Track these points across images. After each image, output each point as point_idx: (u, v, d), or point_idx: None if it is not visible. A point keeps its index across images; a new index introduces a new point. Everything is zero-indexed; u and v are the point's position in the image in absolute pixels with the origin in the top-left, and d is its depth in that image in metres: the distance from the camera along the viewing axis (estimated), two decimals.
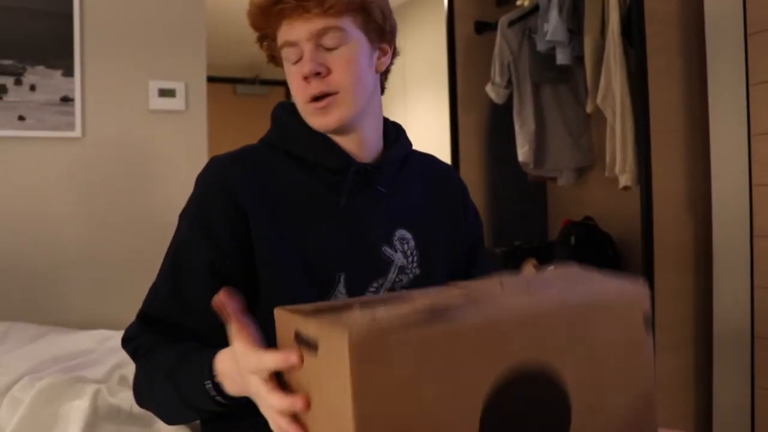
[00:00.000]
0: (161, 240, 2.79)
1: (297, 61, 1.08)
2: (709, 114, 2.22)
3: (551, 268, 1.05)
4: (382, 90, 1.20)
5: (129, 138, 2.74)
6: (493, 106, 3.21)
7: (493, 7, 3.35)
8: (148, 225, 2.75)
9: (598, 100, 2.59)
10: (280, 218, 1.08)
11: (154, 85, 2.77)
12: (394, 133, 1.22)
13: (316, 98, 1.07)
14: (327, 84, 1.06)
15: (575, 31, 2.73)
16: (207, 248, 1.08)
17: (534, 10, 2.93)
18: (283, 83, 4.68)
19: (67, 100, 2.61)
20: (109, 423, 1.41)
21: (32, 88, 2.55)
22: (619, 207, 2.94)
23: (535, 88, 3.07)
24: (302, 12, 1.03)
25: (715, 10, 2.19)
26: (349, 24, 1.06)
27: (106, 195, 2.70)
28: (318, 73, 1.05)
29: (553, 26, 2.69)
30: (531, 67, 3.03)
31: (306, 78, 1.07)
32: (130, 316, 2.80)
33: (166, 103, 2.80)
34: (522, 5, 3.09)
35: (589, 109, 2.78)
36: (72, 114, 2.62)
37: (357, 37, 1.07)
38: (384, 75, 1.19)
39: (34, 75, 2.55)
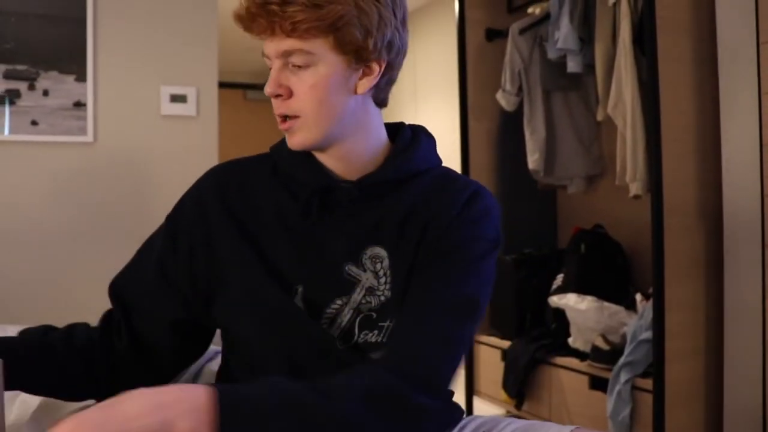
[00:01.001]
0: None
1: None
2: (720, 122, 2.21)
3: None
4: (382, 104, 1.11)
5: (140, 143, 2.75)
6: (504, 113, 3.21)
7: (504, 14, 3.35)
8: (157, 227, 2.76)
9: (609, 108, 2.58)
10: (248, 227, 1.10)
11: (166, 91, 2.79)
12: (398, 149, 1.11)
13: (283, 117, 1.05)
14: (288, 107, 1.03)
15: (586, 39, 2.74)
16: (164, 243, 1.18)
17: (545, 17, 2.93)
18: None
19: (79, 105, 2.63)
20: None
21: (45, 93, 2.57)
22: (630, 215, 2.93)
23: (545, 95, 3.07)
24: (270, 33, 1.00)
25: (727, 19, 2.19)
26: (319, 46, 0.99)
27: (118, 199, 2.71)
28: (279, 95, 1.03)
29: (564, 34, 2.69)
30: (542, 75, 3.03)
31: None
32: None
33: (178, 108, 2.81)
34: (533, 13, 3.09)
35: (599, 117, 2.78)
36: (84, 119, 2.64)
37: (329, 60, 1.00)
38: (379, 91, 1.09)
39: (47, 80, 2.58)
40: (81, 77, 2.63)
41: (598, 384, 2.51)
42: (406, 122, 1.19)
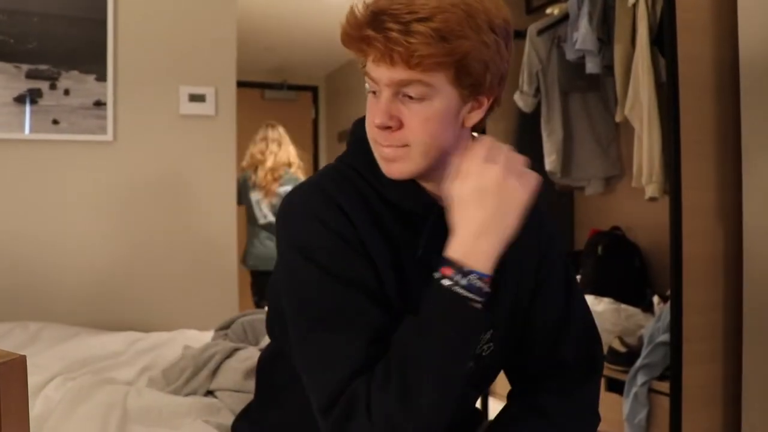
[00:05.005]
0: (189, 240, 2.83)
1: (375, 93, 0.99)
2: (741, 124, 2.20)
3: None
4: (477, 129, 1.08)
5: (159, 142, 2.78)
6: (521, 114, 3.21)
7: (522, 14, 3.34)
8: (176, 226, 2.78)
9: (626, 110, 2.57)
10: (377, 249, 1.01)
11: (185, 90, 2.81)
12: None
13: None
14: (396, 138, 0.98)
15: (605, 40, 2.72)
16: (364, 266, 0.99)
17: (564, 18, 2.92)
18: (311, 88, 4.74)
19: (99, 104, 2.65)
20: (138, 424, 1.43)
21: (66, 92, 2.60)
22: (648, 217, 2.92)
23: (563, 96, 3.05)
24: (388, 61, 0.93)
25: (749, 19, 2.17)
26: (438, 79, 0.94)
27: (137, 197, 2.73)
28: (388, 127, 0.97)
29: (582, 35, 2.67)
30: (560, 76, 3.02)
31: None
32: (158, 316, 2.84)
33: (196, 107, 2.83)
34: (552, 13, 3.08)
35: (618, 118, 2.76)
36: (104, 118, 2.66)
37: (446, 93, 0.96)
38: (481, 119, 1.06)
39: (68, 80, 2.60)
40: (101, 77, 2.66)
41: (615, 386, 2.50)
42: None
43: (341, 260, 0.98)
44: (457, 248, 0.93)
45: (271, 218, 4.23)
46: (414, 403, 0.88)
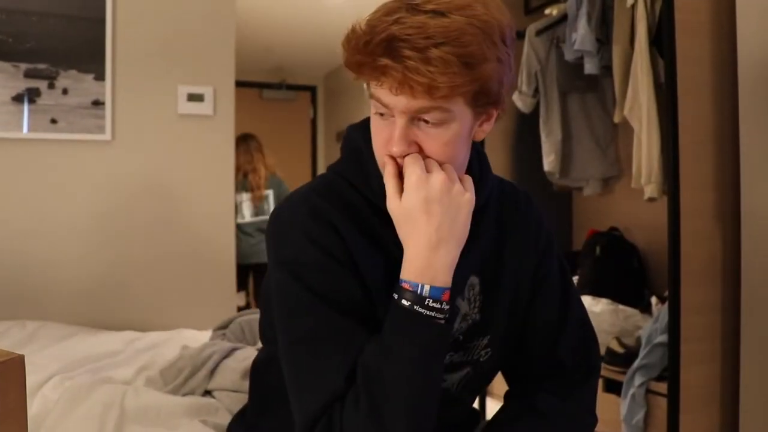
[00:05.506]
0: (187, 239, 2.83)
1: (383, 115, 0.95)
2: (739, 124, 2.20)
3: None
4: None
5: (158, 141, 2.77)
6: (520, 115, 3.21)
7: (521, 15, 3.34)
8: (175, 225, 2.77)
9: (626, 111, 2.57)
10: (369, 259, 0.99)
11: (183, 90, 2.81)
12: (476, 177, 1.06)
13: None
14: None
15: (604, 41, 2.72)
16: (351, 282, 0.98)
17: (562, 19, 2.92)
18: (310, 88, 4.74)
19: (98, 103, 2.65)
20: (136, 424, 1.43)
21: (65, 91, 2.60)
22: (646, 218, 2.92)
23: (562, 97, 3.05)
24: (408, 91, 0.88)
25: (748, 21, 2.17)
26: (457, 103, 0.91)
27: (135, 197, 2.73)
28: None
29: (581, 35, 2.67)
30: (558, 77, 3.02)
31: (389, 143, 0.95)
32: (156, 316, 2.83)
33: (195, 107, 2.83)
34: (550, 14, 3.08)
35: (616, 119, 2.76)
36: (102, 117, 2.66)
37: (462, 115, 0.93)
38: None
39: (66, 79, 2.60)
40: (100, 76, 2.65)
41: (612, 387, 2.50)
42: None
43: (327, 278, 0.96)
44: (412, 265, 0.92)
45: (250, 219, 4.60)
46: (387, 423, 0.88)
